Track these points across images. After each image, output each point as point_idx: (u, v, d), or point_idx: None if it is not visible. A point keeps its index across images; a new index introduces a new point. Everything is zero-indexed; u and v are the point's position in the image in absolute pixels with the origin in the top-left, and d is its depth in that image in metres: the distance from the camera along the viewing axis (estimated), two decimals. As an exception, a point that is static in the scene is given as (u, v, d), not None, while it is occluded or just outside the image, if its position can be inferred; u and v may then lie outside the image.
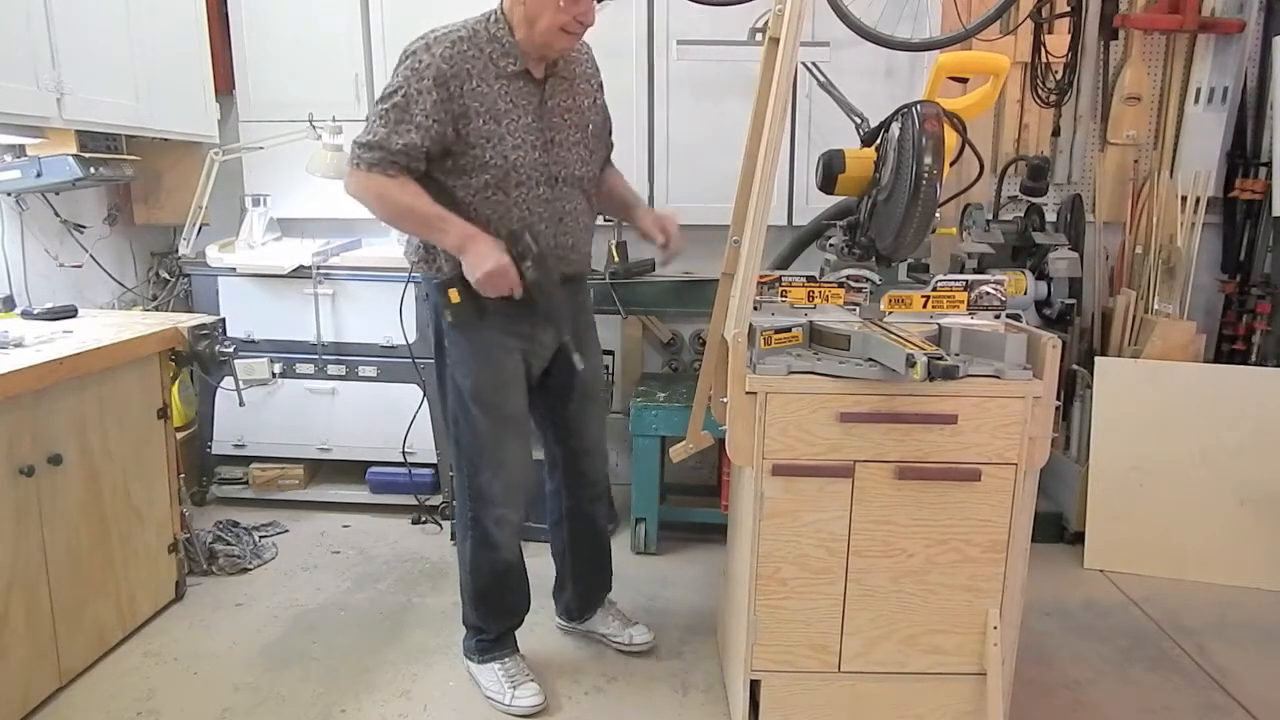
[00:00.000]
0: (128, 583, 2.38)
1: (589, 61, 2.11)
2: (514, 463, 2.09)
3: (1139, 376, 2.90)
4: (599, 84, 2.13)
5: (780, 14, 1.81)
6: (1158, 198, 3.14)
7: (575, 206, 2.04)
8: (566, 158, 2.00)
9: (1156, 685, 2.27)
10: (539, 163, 1.95)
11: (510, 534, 2.16)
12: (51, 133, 2.55)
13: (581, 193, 2.06)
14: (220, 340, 2.61)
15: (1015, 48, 3.22)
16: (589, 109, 2.06)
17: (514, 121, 1.92)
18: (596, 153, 2.11)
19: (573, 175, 2.02)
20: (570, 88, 2.03)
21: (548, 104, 1.97)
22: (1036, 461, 1.83)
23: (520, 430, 2.11)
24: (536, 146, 1.95)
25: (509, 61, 1.91)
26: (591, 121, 2.07)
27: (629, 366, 3.55)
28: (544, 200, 1.97)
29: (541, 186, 1.97)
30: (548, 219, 1.98)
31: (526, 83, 1.94)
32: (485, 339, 2.00)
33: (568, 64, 2.02)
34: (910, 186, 1.83)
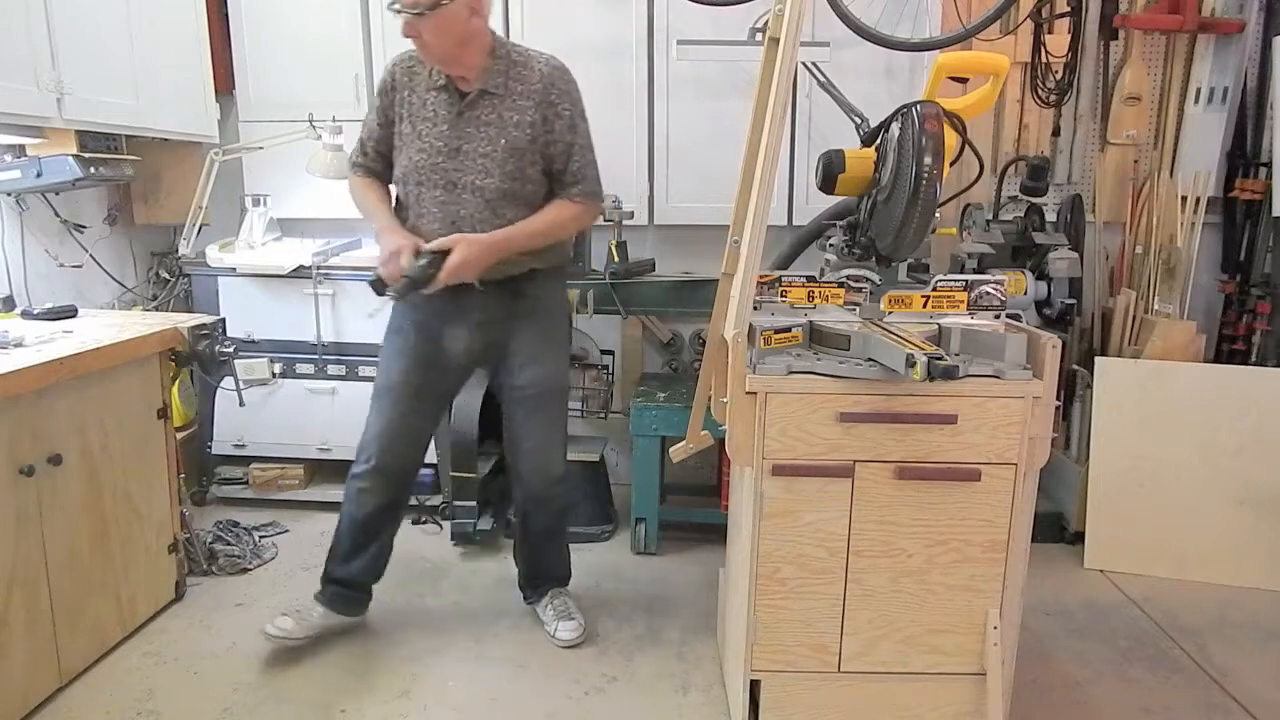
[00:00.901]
0: (128, 583, 2.38)
1: (539, 77, 2.12)
2: (376, 428, 2.30)
3: (1139, 376, 2.90)
4: (544, 105, 2.12)
5: (780, 14, 1.81)
6: (1158, 198, 3.14)
7: (473, 213, 2.13)
8: (470, 167, 2.12)
9: (1156, 685, 2.27)
10: (440, 167, 2.13)
11: (361, 497, 2.34)
12: (51, 133, 2.55)
13: (484, 202, 2.13)
14: (220, 340, 2.62)
15: (1015, 48, 3.22)
16: (514, 126, 2.11)
17: (429, 129, 2.13)
18: (508, 167, 2.12)
19: (473, 184, 2.12)
20: (500, 103, 2.12)
21: (465, 115, 2.12)
22: (1036, 461, 1.83)
23: (391, 401, 2.28)
24: (442, 153, 2.12)
25: (438, 76, 2.13)
26: (511, 138, 2.11)
27: (629, 366, 3.55)
28: (440, 202, 2.15)
29: (439, 190, 2.14)
30: (442, 220, 2.14)
31: (450, 95, 2.13)
32: (397, 321, 2.30)
33: (508, 81, 2.12)
34: (910, 186, 1.83)
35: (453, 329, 2.24)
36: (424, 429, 2.36)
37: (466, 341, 2.25)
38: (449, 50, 2.06)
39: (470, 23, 2.04)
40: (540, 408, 2.32)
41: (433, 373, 2.28)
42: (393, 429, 2.30)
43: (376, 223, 2.17)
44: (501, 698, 2.19)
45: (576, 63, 3.23)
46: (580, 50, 3.18)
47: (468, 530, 2.97)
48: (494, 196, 2.13)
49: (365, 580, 2.44)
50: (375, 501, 2.34)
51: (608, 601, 2.67)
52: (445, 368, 2.29)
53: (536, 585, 2.53)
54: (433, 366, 2.27)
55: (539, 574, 2.54)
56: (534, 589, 2.53)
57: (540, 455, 2.36)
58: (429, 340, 2.25)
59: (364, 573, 2.42)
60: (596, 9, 3.17)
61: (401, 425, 2.30)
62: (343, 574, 2.40)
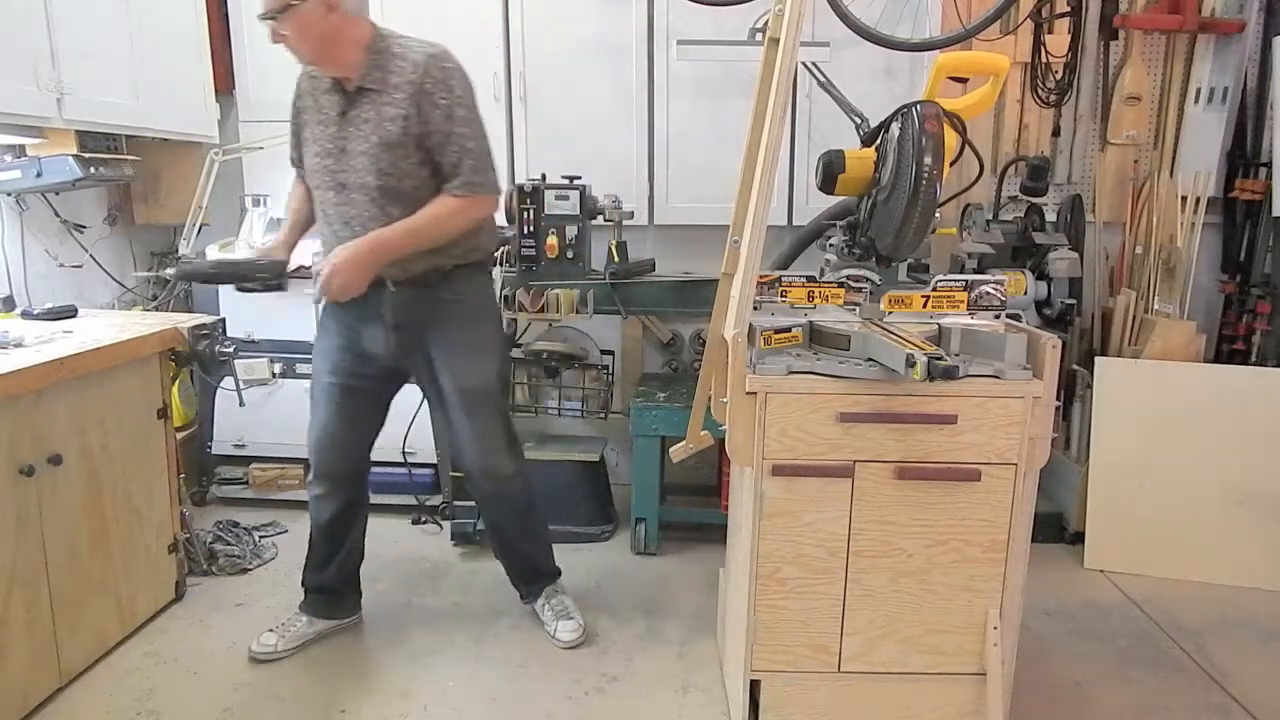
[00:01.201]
0: (128, 583, 2.38)
1: (415, 70, 2.05)
2: (314, 428, 2.32)
3: (1139, 376, 2.90)
4: (418, 95, 2.04)
5: (780, 14, 1.81)
6: (1158, 198, 3.14)
7: (362, 213, 2.11)
8: (353, 166, 2.10)
9: (1156, 685, 2.27)
10: (330, 169, 2.13)
11: (317, 505, 2.36)
12: (51, 133, 2.55)
13: (370, 200, 2.10)
14: (220, 340, 2.62)
15: (1015, 48, 3.22)
16: (389, 120, 2.06)
17: (321, 131, 2.15)
18: (382, 164, 2.07)
19: (359, 184, 2.10)
20: (377, 99, 2.08)
21: (348, 114, 2.11)
22: (1036, 461, 1.83)
23: (325, 404, 2.29)
24: (331, 154, 2.13)
25: (325, 79, 2.14)
26: (385, 132, 2.06)
27: (629, 366, 3.55)
28: (334, 204, 2.15)
29: (330, 191, 2.15)
30: (337, 221, 2.16)
31: (337, 95, 2.13)
32: (322, 321, 2.32)
33: (385, 75, 2.07)
34: (910, 186, 1.83)
35: (369, 330, 2.22)
36: (362, 429, 2.35)
37: (384, 343, 2.21)
38: (317, 50, 2.05)
39: (328, 19, 2.00)
40: (470, 412, 2.28)
41: (358, 373, 2.27)
42: (329, 432, 2.30)
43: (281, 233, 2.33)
44: (501, 698, 2.19)
45: (577, 63, 3.27)
46: (580, 50, 3.20)
47: (468, 530, 2.97)
48: (378, 195, 2.09)
49: (340, 584, 2.46)
50: (331, 506, 2.35)
51: (608, 601, 2.67)
52: (370, 368, 2.27)
53: (529, 583, 2.52)
54: (357, 366, 2.26)
55: (526, 572, 2.53)
56: (527, 586, 2.53)
57: (483, 459, 2.33)
58: (350, 341, 2.25)
59: (338, 576, 2.44)
60: (596, 9, 3.17)
61: (337, 427, 2.30)
62: (316, 581, 2.43)
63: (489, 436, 2.32)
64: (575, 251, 2.91)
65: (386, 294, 2.16)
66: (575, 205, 2.87)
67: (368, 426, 2.37)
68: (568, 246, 2.90)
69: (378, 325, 2.20)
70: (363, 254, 2.06)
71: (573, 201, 2.86)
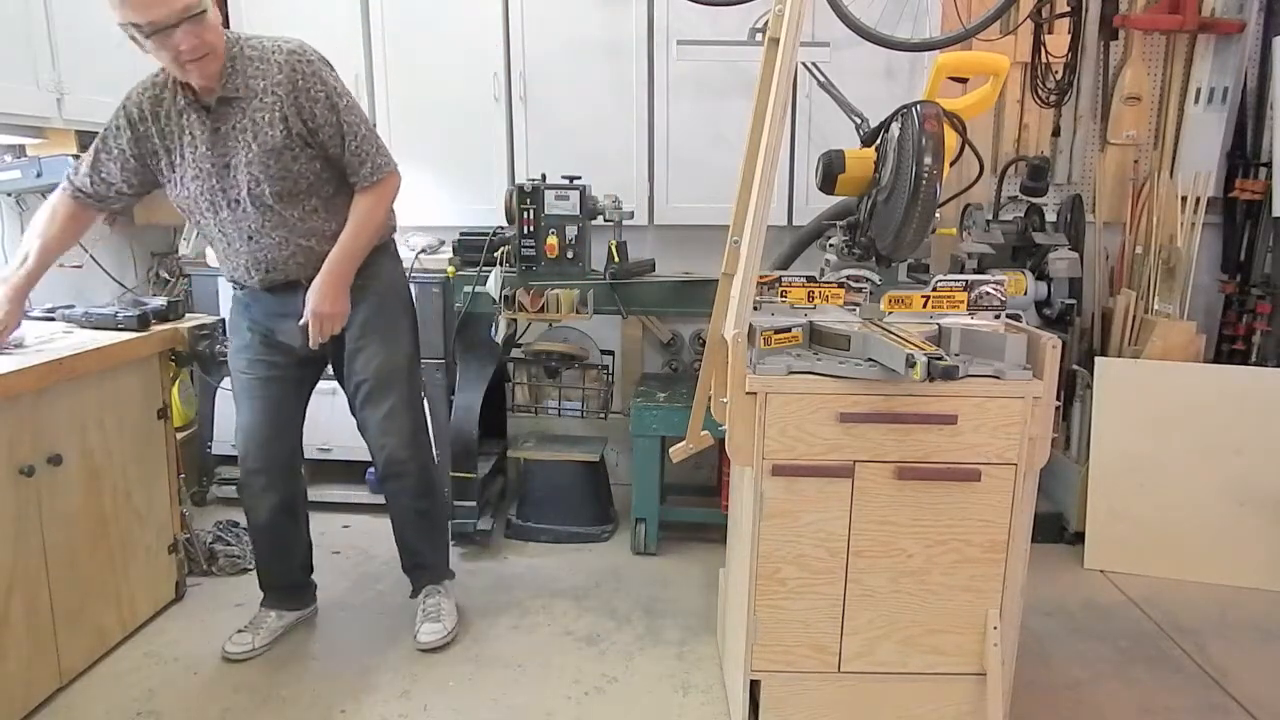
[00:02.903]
0: (128, 583, 2.38)
1: (280, 70, 2.02)
2: (244, 429, 2.30)
3: (1139, 376, 2.90)
4: (292, 94, 2.02)
5: (780, 14, 1.81)
6: (1158, 198, 3.14)
7: (262, 225, 2.09)
8: (239, 179, 2.05)
9: (1156, 685, 2.27)
10: (216, 189, 2.07)
11: (252, 501, 2.36)
12: (51, 133, 2.56)
13: (267, 209, 2.07)
14: (220, 340, 2.61)
15: (1015, 48, 3.22)
16: (266, 124, 2.01)
17: (193, 153, 2.05)
18: (272, 170, 2.03)
19: (254, 195, 2.05)
20: (247, 106, 2.01)
21: (220, 129, 2.03)
22: (1036, 461, 1.83)
23: (247, 401, 2.29)
24: (212, 174, 2.06)
25: (180, 96, 2.03)
26: (265, 138, 2.01)
27: (629, 366, 3.55)
28: (230, 222, 2.10)
29: (223, 210, 2.09)
30: (238, 239, 2.11)
31: (198, 113, 2.04)
32: (234, 319, 2.31)
33: (247, 80, 2.01)
34: (910, 186, 1.83)
35: (284, 325, 2.21)
36: (286, 420, 2.34)
37: (300, 336, 2.18)
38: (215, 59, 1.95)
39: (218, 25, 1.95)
40: (377, 393, 2.28)
41: (274, 363, 2.27)
42: (255, 427, 2.29)
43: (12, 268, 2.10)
44: (501, 698, 2.19)
45: (577, 63, 3.27)
46: (580, 50, 3.20)
47: (468, 530, 2.97)
48: (273, 201, 2.06)
49: (301, 576, 2.51)
50: (267, 502, 2.34)
51: (608, 601, 2.67)
52: (285, 358, 2.27)
53: (415, 576, 2.51)
54: (272, 357, 2.27)
55: (413, 563, 2.50)
56: (413, 580, 2.52)
57: (385, 438, 2.31)
58: (265, 337, 2.26)
59: (295, 569, 2.49)
60: (596, 9, 3.17)
61: (262, 422, 2.29)
62: (273, 580, 2.46)
63: (394, 418, 2.31)
64: (575, 251, 2.91)
65: (301, 288, 2.15)
66: (575, 205, 2.87)
67: (291, 416, 2.35)
68: (568, 246, 2.90)
69: (292, 320, 2.18)
70: (335, 284, 2.12)
71: (573, 201, 2.86)
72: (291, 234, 2.12)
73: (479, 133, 3.25)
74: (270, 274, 2.15)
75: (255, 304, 2.25)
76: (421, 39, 3.21)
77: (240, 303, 2.29)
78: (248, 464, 2.32)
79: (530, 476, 3.20)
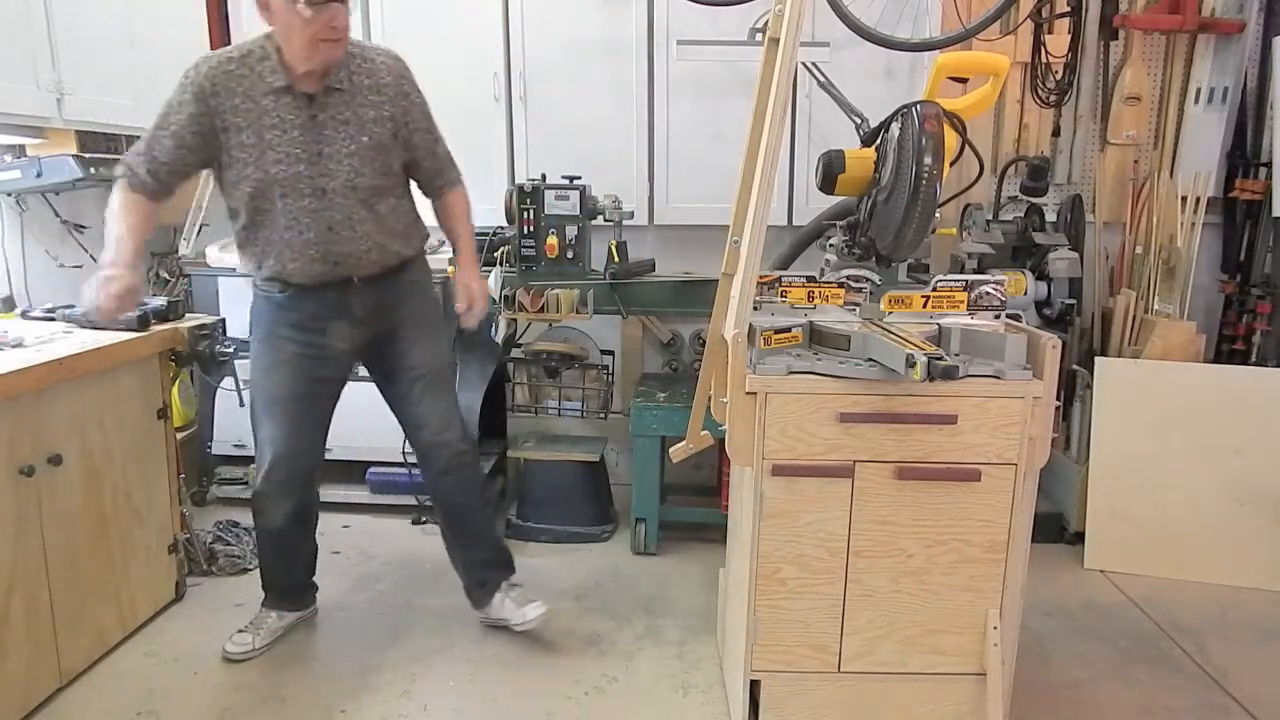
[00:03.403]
0: (128, 583, 2.38)
1: (389, 73, 2.10)
2: (274, 441, 2.25)
3: (1139, 376, 2.90)
4: (399, 97, 2.11)
5: (780, 14, 1.81)
6: (1158, 198, 3.14)
7: (350, 216, 2.09)
8: (336, 170, 2.06)
9: (1156, 685, 2.27)
10: (304, 175, 2.04)
11: (270, 507, 2.31)
12: (51, 133, 2.56)
13: (358, 202, 2.09)
14: (220, 340, 2.62)
15: (1015, 48, 3.22)
16: (372, 121, 2.07)
17: (279, 136, 2.02)
18: (377, 164, 2.10)
19: (344, 187, 2.07)
20: (351, 100, 2.06)
21: (318, 117, 2.04)
22: (1036, 461, 1.83)
23: (282, 413, 2.23)
24: (302, 160, 2.04)
25: (275, 78, 2.01)
26: (372, 134, 2.07)
27: (629, 366, 3.55)
28: (310, 210, 2.07)
29: (307, 198, 2.06)
30: (315, 229, 2.08)
31: (295, 98, 2.02)
32: (268, 328, 2.21)
33: (352, 75, 2.06)
34: (910, 186, 1.83)
35: (335, 326, 2.19)
36: (320, 428, 2.34)
37: (350, 338, 2.21)
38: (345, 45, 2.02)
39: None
40: (435, 388, 2.31)
41: (319, 374, 2.25)
42: (291, 440, 2.25)
43: (106, 258, 2.03)
44: (501, 698, 2.19)
45: (577, 63, 3.28)
46: (580, 50, 3.20)
47: (468, 530, 2.96)
48: (368, 195, 2.10)
49: (306, 578, 2.52)
50: (285, 510, 2.32)
51: (608, 601, 2.67)
52: (330, 367, 2.25)
53: (482, 582, 2.44)
54: (318, 368, 2.23)
55: (479, 563, 2.45)
56: (481, 587, 2.44)
57: (445, 430, 2.31)
58: (309, 344, 2.19)
59: (299, 572, 2.49)
60: (596, 9, 3.17)
61: (299, 434, 2.26)
62: (277, 582, 2.45)
63: (451, 411, 2.35)
64: (575, 251, 2.91)
65: (352, 289, 2.16)
66: (575, 205, 2.87)
67: (324, 426, 2.35)
68: (568, 246, 2.90)
69: (343, 321, 2.19)
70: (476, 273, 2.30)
71: (573, 201, 2.87)
72: (373, 229, 2.13)
73: (479, 133, 3.25)
74: (337, 267, 2.12)
75: (297, 307, 2.17)
76: (421, 39, 3.20)
77: (276, 307, 2.19)
78: (274, 476, 2.26)
79: (530, 476, 3.20)
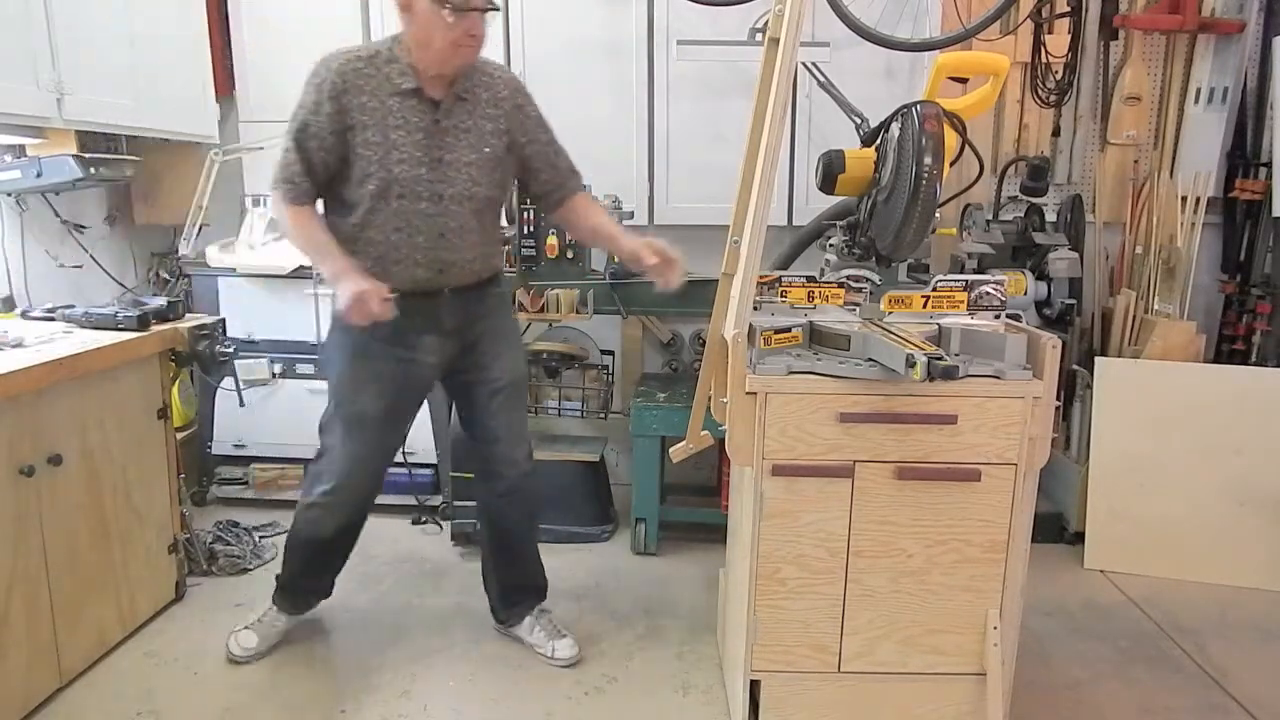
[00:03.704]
0: (128, 583, 2.38)
1: (506, 87, 2.10)
2: (349, 459, 2.19)
3: (1139, 376, 2.90)
4: (514, 110, 2.10)
5: (780, 14, 1.81)
6: (1158, 198, 3.14)
7: (461, 225, 2.07)
8: (454, 178, 2.04)
9: (1156, 685, 2.27)
10: (424, 179, 2.01)
11: (326, 518, 2.26)
12: (51, 133, 2.55)
13: (471, 212, 2.08)
14: (220, 340, 2.62)
15: (1015, 48, 3.22)
16: (490, 134, 2.07)
17: (403, 137, 1.99)
18: (495, 176, 2.10)
19: (460, 195, 2.05)
20: (472, 110, 2.05)
21: (441, 123, 2.02)
22: (1036, 462, 1.83)
23: (364, 433, 2.17)
24: (424, 163, 2.01)
25: (404, 80, 1.98)
26: (490, 146, 2.07)
27: (629, 366, 3.55)
28: (425, 215, 2.03)
29: (424, 202, 2.03)
30: (426, 233, 2.04)
31: (421, 101, 2.00)
32: (355, 342, 2.11)
33: (473, 87, 2.05)
34: (910, 186, 1.83)
35: (426, 339, 2.14)
36: (396, 448, 2.34)
37: (439, 351, 2.16)
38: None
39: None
40: (514, 402, 2.29)
41: (407, 392, 2.21)
42: (369, 458, 2.22)
43: (335, 264, 1.96)
44: (501, 698, 2.19)
45: (576, 63, 3.27)
46: (580, 50, 3.20)
47: (468, 530, 2.97)
48: (481, 205, 2.09)
49: (329, 588, 2.48)
50: (338, 523, 2.29)
51: (608, 601, 2.67)
52: (418, 384, 2.21)
53: (514, 603, 2.41)
54: (408, 384, 2.19)
55: (517, 586, 2.42)
56: (511, 608, 2.41)
57: (517, 446, 2.30)
58: (400, 359, 2.13)
59: (330, 583, 2.46)
60: (596, 9, 3.17)
61: (378, 452, 2.25)
62: (299, 586, 2.42)
63: (524, 427, 2.34)
64: (575, 251, 2.91)
65: (442, 300, 2.11)
66: (575, 205, 2.86)
67: (402, 441, 2.33)
68: (568, 246, 2.90)
69: (434, 333, 2.13)
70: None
71: (573, 202, 2.86)
72: (479, 240, 2.12)
73: (479, 133, 3.25)
74: (440, 275, 2.09)
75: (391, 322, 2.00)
76: (421, 39, 3.20)
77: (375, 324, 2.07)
78: (341, 494, 2.21)
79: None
